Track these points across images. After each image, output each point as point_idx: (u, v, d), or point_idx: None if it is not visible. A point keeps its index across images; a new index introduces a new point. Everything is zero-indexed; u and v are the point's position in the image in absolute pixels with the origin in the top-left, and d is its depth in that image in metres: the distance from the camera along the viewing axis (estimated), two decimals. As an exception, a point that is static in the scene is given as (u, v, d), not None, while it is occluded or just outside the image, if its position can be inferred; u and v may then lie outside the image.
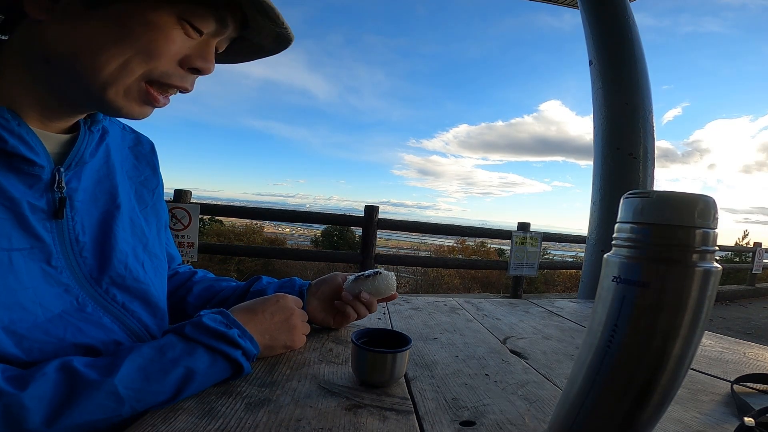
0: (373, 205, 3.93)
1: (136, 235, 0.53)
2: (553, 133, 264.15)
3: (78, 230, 0.46)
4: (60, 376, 0.36)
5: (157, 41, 0.40)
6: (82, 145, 0.47)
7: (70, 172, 0.45)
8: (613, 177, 1.83)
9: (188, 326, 0.45)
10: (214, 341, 0.44)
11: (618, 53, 1.88)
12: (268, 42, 0.49)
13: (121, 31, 0.39)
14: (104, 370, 0.38)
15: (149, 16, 0.40)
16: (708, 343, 0.82)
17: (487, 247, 9.32)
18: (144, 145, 0.60)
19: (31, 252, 0.41)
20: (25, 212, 0.41)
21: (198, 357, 0.43)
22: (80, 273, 0.45)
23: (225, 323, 0.47)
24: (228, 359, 0.45)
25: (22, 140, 0.40)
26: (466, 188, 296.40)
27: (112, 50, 0.39)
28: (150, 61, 0.41)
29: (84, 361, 0.38)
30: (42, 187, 0.43)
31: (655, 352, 0.29)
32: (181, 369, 0.41)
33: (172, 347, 0.42)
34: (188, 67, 0.44)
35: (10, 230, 0.40)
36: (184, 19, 0.41)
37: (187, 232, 3.00)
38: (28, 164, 0.41)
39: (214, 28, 0.44)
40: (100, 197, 0.50)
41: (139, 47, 0.40)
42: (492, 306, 1.02)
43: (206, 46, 0.45)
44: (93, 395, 0.36)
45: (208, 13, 0.42)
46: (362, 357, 0.48)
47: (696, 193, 0.29)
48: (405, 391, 0.48)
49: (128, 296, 0.49)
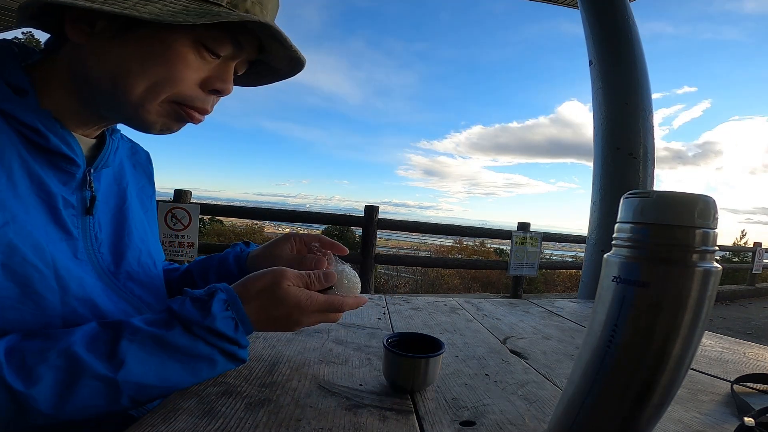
0: (373, 205, 3.93)
1: (143, 237, 0.57)
2: (568, 135, 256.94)
3: (97, 228, 0.49)
4: (62, 361, 0.36)
5: (176, 65, 0.43)
6: (107, 150, 0.51)
7: (94, 174, 0.49)
8: (613, 177, 1.83)
9: (196, 327, 0.42)
10: (227, 345, 0.44)
11: (618, 53, 1.88)
12: (284, 65, 0.52)
13: (146, 55, 0.42)
14: (106, 359, 0.37)
15: (169, 41, 0.42)
16: (708, 343, 0.82)
17: (487, 247, 9.32)
18: (140, 155, 0.63)
19: (60, 244, 0.44)
20: (59, 206, 0.44)
21: (202, 358, 0.43)
22: (99, 267, 0.48)
23: (232, 317, 0.44)
24: (234, 359, 0.45)
25: (64, 140, 0.44)
26: (469, 189, 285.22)
27: (140, 74, 0.42)
28: (174, 85, 0.43)
29: (86, 343, 0.38)
30: (74, 185, 0.46)
31: (655, 352, 0.29)
32: (187, 367, 0.42)
33: (177, 340, 0.41)
34: (209, 90, 0.46)
35: (46, 222, 0.42)
36: (201, 42, 0.43)
37: (187, 232, 3.00)
38: (68, 162, 0.45)
39: (231, 51, 0.46)
40: (112, 199, 0.53)
41: (162, 71, 0.42)
42: (492, 306, 1.02)
43: (225, 68, 0.47)
44: (93, 384, 0.36)
45: (224, 36, 0.44)
46: (394, 362, 0.47)
47: (696, 193, 0.29)
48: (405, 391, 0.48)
49: (143, 290, 0.53)
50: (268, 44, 0.48)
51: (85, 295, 0.43)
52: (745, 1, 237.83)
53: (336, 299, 0.49)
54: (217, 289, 0.45)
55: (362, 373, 0.52)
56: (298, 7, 15.37)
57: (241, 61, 0.49)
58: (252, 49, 0.48)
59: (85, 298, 0.43)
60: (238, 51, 0.47)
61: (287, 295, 0.46)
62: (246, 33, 0.46)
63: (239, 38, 0.45)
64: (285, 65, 0.52)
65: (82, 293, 0.43)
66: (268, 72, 0.54)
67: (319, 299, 0.48)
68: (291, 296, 0.46)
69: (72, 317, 0.41)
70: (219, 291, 0.45)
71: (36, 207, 0.41)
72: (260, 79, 0.56)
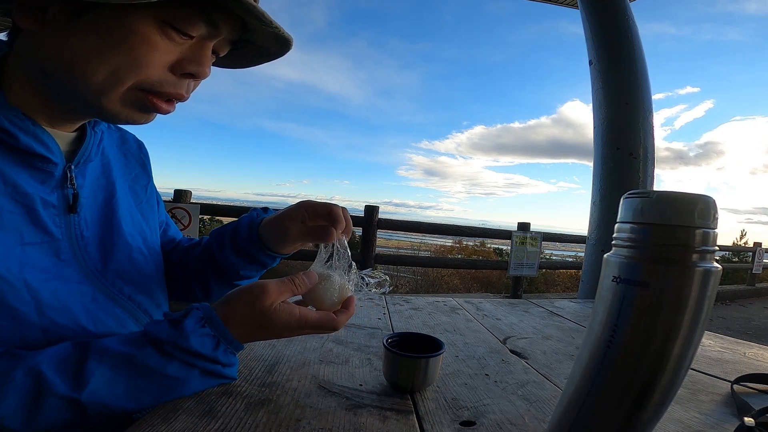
0: (373, 205, 3.93)
1: (135, 230, 0.54)
2: (570, 135, 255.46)
3: (83, 226, 0.47)
4: (28, 381, 0.35)
5: (139, 49, 0.39)
6: (89, 144, 0.48)
7: (76, 170, 0.47)
8: (613, 177, 1.83)
9: (168, 345, 0.39)
10: (206, 363, 0.41)
11: (618, 53, 1.88)
12: (271, 44, 0.48)
13: (105, 39, 0.38)
14: (72, 379, 0.36)
15: (129, 23, 0.38)
16: (708, 343, 0.82)
17: (487, 247, 9.31)
18: (130, 143, 0.60)
19: (41, 246, 0.42)
20: (38, 207, 0.42)
21: (174, 378, 0.40)
22: (86, 267, 0.46)
23: (212, 335, 0.42)
24: (218, 377, 0.44)
25: (37, 138, 0.41)
26: (470, 189, 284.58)
27: (99, 60, 0.39)
28: (138, 71, 0.40)
29: (53, 364, 0.36)
30: (53, 183, 0.44)
31: (655, 352, 0.29)
32: (161, 386, 0.39)
33: (147, 360, 0.39)
34: (181, 73, 0.43)
35: (21, 225, 0.40)
36: (167, 23, 0.39)
37: (187, 232, 3.00)
38: (43, 161, 0.42)
39: (205, 30, 0.42)
40: (100, 194, 0.51)
41: (123, 56, 0.39)
42: (492, 306, 1.02)
43: (200, 50, 0.43)
44: (57, 405, 0.35)
45: (194, 15, 0.40)
46: (394, 362, 0.47)
47: (696, 193, 0.29)
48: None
49: (133, 288, 0.50)
50: (249, 21, 0.43)
51: (60, 305, 0.41)
52: (747, 3, 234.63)
53: (327, 320, 0.46)
54: (193, 307, 0.43)
55: (362, 373, 0.52)
56: (302, 7, 15.14)
57: (221, 41, 0.45)
58: (231, 29, 0.44)
59: (60, 308, 0.41)
60: (214, 30, 0.43)
61: (273, 314, 0.43)
62: (222, 11, 0.41)
63: (213, 16, 0.41)
64: (273, 44, 0.48)
65: (56, 303, 0.41)
66: (257, 53, 0.51)
67: (309, 321, 0.45)
68: (276, 317, 0.43)
69: (52, 328, 0.40)
70: (195, 309, 0.43)
71: (10, 211, 0.39)
72: (249, 61, 0.52)
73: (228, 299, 0.44)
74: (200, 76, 0.44)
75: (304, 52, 15.93)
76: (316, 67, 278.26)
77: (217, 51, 0.46)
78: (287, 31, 0.46)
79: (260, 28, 0.44)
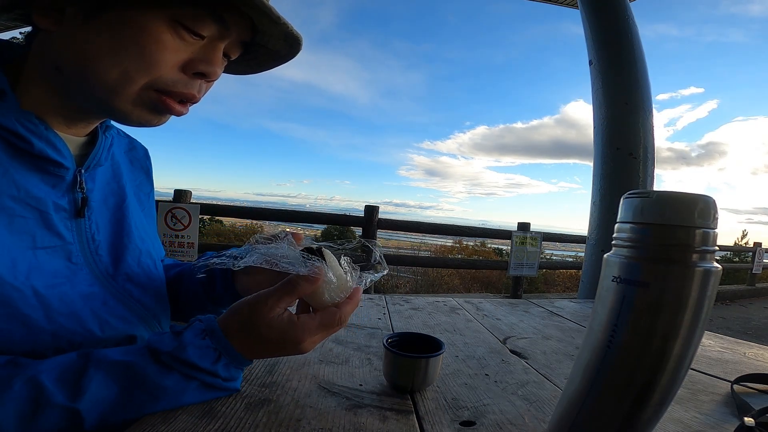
0: (373, 205, 3.93)
1: (143, 235, 0.55)
2: (572, 135, 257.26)
3: (94, 229, 0.47)
4: (26, 391, 0.35)
5: (150, 47, 0.39)
6: (99, 148, 0.49)
7: (86, 174, 0.47)
8: (613, 177, 1.83)
9: (165, 356, 0.39)
10: (204, 376, 0.40)
11: (618, 53, 1.88)
12: (281, 45, 0.48)
13: (117, 38, 0.39)
14: (70, 388, 0.36)
15: (140, 22, 0.39)
16: (708, 343, 0.82)
17: (487, 247, 9.32)
18: (138, 151, 0.61)
19: (54, 250, 0.42)
20: (50, 211, 0.42)
21: (170, 389, 0.39)
22: (97, 270, 0.47)
23: (212, 347, 0.40)
24: (218, 390, 0.42)
25: (50, 143, 0.42)
26: (470, 189, 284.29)
27: (111, 59, 0.39)
28: (150, 69, 0.40)
29: (55, 374, 0.36)
30: (64, 188, 0.45)
31: (655, 352, 0.29)
32: (158, 396, 0.38)
33: (146, 370, 0.38)
34: (192, 72, 0.43)
35: (34, 229, 0.41)
36: (178, 22, 0.40)
37: (187, 232, 3.00)
38: (55, 166, 0.43)
39: (216, 30, 0.43)
40: (110, 198, 0.52)
41: (135, 55, 0.39)
42: (492, 306, 1.02)
43: (211, 50, 0.43)
44: (54, 414, 0.35)
45: (205, 14, 0.41)
46: (394, 362, 0.47)
47: (696, 193, 0.29)
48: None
49: (143, 292, 0.51)
50: (258, 20, 0.44)
51: (68, 311, 0.41)
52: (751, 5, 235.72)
53: (329, 316, 0.43)
54: (196, 319, 0.42)
55: (362, 373, 0.52)
56: (307, 8, 15.15)
57: (232, 43, 0.45)
58: (241, 29, 0.44)
59: (69, 313, 0.41)
60: (225, 30, 0.43)
61: (272, 324, 0.41)
62: (232, 11, 0.42)
63: (224, 16, 0.42)
64: (282, 45, 0.48)
65: (65, 308, 0.41)
66: (268, 56, 0.51)
67: (311, 325, 0.42)
68: (275, 326, 0.41)
69: (62, 333, 0.40)
70: (197, 321, 0.42)
71: (21, 216, 0.40)
72: (261, 65, 0.53)
73: (229, 313, 0.43)
74: (211, 77, 0.45)
75: (309, 52, 15.72)
76: (320, 68, 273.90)
77: (228, 54, 0.47)
78: (297, 29, 0.46)
79: (270, 28, 0.45)
